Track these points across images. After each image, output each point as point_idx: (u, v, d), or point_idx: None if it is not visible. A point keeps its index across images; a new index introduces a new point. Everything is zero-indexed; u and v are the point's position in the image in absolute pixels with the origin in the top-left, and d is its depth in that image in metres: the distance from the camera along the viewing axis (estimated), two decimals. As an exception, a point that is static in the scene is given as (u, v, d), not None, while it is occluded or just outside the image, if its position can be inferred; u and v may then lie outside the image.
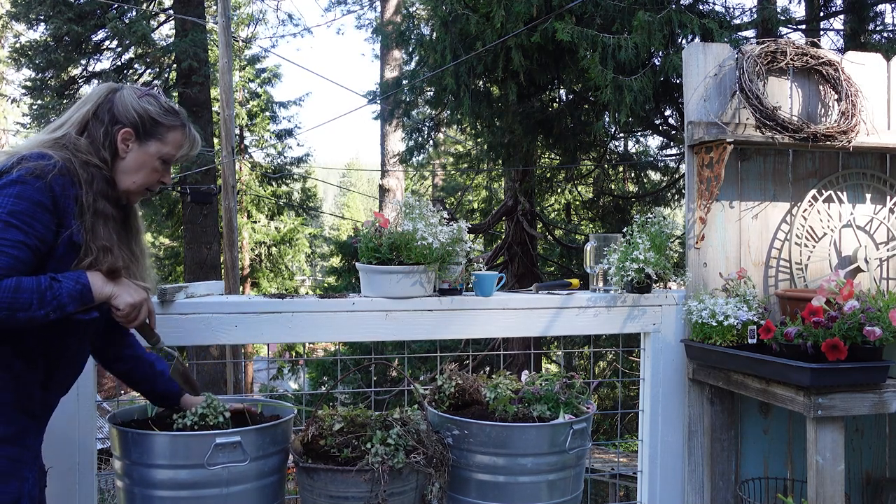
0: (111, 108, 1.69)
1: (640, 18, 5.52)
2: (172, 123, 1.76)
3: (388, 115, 9.70)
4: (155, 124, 1.72)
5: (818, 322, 2.11)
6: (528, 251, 9.28)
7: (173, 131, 1.76)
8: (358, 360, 6.53)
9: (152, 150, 1.73)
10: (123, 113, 1.69)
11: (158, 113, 1.73)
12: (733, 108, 2.65)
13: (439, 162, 15.20)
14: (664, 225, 2.58)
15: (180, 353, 2.01)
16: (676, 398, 2.64)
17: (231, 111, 9.01)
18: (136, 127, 1.70)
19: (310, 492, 1.96)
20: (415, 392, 2.27)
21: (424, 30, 8.47)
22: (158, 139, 1.73)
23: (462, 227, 2.38)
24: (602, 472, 6.93)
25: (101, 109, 1.69)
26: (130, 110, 1.70)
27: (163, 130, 1.74)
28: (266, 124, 18.57)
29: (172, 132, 1.76)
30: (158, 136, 1.73)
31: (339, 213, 38.24)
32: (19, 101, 13.98)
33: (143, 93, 1.74)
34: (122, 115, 1.69)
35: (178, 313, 2.20)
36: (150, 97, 1.74)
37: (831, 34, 8.10)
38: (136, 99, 1.72)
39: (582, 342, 8.56)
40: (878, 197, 2.82)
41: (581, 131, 7.72)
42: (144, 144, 1.72)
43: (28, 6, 11.66)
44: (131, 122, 1.70)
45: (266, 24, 34.68)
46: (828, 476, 2.06)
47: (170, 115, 1.75)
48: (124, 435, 1.89)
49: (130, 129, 1.70)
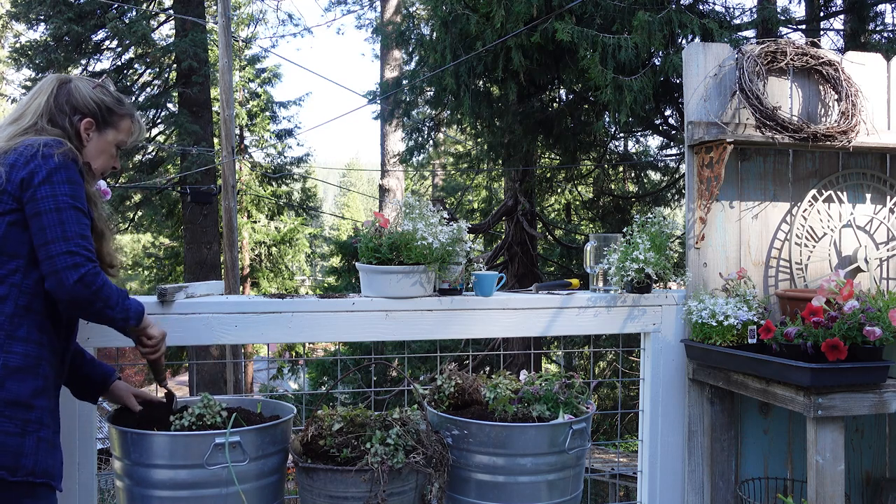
0: (69, 99, 1.78)
1: (640, 18, 5.52)
2: (125, 112, 1.87)
3: (388, 115, 9.70)
4: (110, 113, 1.84)
5: (818, 322, 2.11)
6: (528, 251, 9.28)
7: (125, 119, 1.87)
8: (358, 360, 6.53)
9: (109, 137, 1.85)
10: (83, 103, 1.79)
11: (113, 102, 1.85)
12: (733, 108, 2.65)
13: (439, 162, 15.20)
14: (664, 225, 2.58)
15: (180, 352, 2.05)
16: (676, 398, 2.64)
17: (231, 111, 9.01)
18: (95, 116, 1.81)
19: (309, 492, 1.96)
20: (414, 392, 2.27)
21: (424, 30, 8.48)
22: (114, 127, 1.85)
23: (462, 227, 2.38)
24: (602, 472, 6.92)
25: (58, 100, 1.77)
26: (89, 100, 1.80)
27: (117, 119, 1.85)
28: (266, 124, 18.57)
29: (125, 120, 1.87)
30: (114, 124, 1.85)
31: (339, 213, 38.24)
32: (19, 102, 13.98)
33: (96, 83, 1.85)
34: (81, 106, 1.79)
35: (178, 313, 2.20)
36: (102, 88, 1.85)
37: (831, 34, 8.11)
38: (91, 90, 1.82)
39: (582, 342, 8.56)
40: (878, 197, 2.82)
41: (581, 131, 7.72)
42: (103, 133, 1.84)
43: (28, 6, 11.67)
44: (91, 111, 1.80)
45: (266, 24, 34.74)
46: (828, 476, 2.06)
47: (122, 105, 1.87)
48: (124, 435, 1.89)
49: (91, 118, 1.80)
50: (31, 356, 1.60)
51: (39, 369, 1.62)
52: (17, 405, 1.55)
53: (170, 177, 13.30)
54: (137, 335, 1.87)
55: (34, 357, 1.61)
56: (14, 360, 1.57)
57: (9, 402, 1.54)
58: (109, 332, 2.04)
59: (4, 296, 1.59)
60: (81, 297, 1.61)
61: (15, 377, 1.56)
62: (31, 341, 1.61)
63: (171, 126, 12.53)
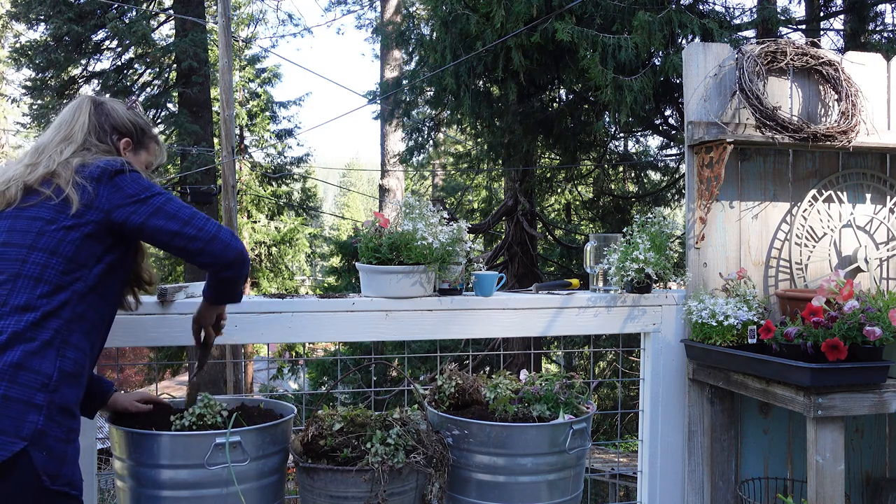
0: (108, 119, 1.81)
1: (640, 18, 5.52)
2: (153, 135, 1.92)
3: (388, 115, 9.70)
4: (143, 134, 1.89)
5: (818, 322, 2.11)
6: (528, 251, 9.28)
7: (153, 142, 1.92)
8: (358, 360, 6.53)
9: (143, 158, 1.89)
10: (121, 123, 1.83)
11: (145, 125, 1.90)
12: (733, 108, 2.65)
13: (439, 162, 15.20)
14: (664, 225, 2.58)
15: (180, 352, 2.08)
16: (676, 398, 2.64)
17: (231, 111, 9.01)
18: (131, 136, 1.85)
19: (310, 492, 1.96)
20: (415, 392, 2.27)
21: (424, 30, 8.48)
22: (146, 149, 1.90)
23: (462, 227, 2.38)
24: (602, 472, 6.92)
25: (99, 119, 1.80)
26: (126, 120, 1.84)
27: (148, 141, 1.90)
28: (266, 124, 18.56)
29: (153, 143, 1.92)
30: (146, 145, 1.90)
31: (339, 213, 38.24)
32: (19, 101, 13.99)
33: (129, 105, 1.89)
34: (120, 125, 1.83)
35: (179, 313, 2.20)
36: (133, 110, 1.88)
37: (831, 34, 8.11)
38: (127, 111, 1.85)
39: (582, 342, 8.56)
40: (878, 197, 2.82)
41: (581, 131, 7.72)
42: (137, 153, 1.88)
43: (28, 6, 11.67)
44: (128, 131, 1.84)
45: (266, 24, 34.74)
46: (828, 476, 2.06)
47: (150, 127, 1.92)
48: (124, 435, 1.89)
49: (129, 138, 1.84)
50: (78, 363, 1.60)
51: (81, 378, 1.62)
52: (66, 412, 1.54)
53: (170, 177, 13.30)
54: (220, 314, 1.96)
55: (80, 365, 1.61)
56: (68, 366, 1.56)
57: (61, 407, 1.53)
58: (110, 332, 2.04)
59: (65, 301, 1.58)
60: (245, 253, 1.72)
61: (67, 382, 1.56)
62: (79, 349, 1.61)
63: (171, 126, 12.53)
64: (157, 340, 2.21)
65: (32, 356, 1.51)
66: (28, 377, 1.49)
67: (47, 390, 1.51)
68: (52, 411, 1.51)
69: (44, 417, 1.48)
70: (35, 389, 1.49)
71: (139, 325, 2.16)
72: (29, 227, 1.61)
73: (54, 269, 1.58)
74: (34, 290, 1.56)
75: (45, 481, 1.47)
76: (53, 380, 1.52)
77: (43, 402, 1.49)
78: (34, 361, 1.51)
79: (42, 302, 1.55)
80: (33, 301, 1.55)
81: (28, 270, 1.57)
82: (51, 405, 1.50)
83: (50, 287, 1.57)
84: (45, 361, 1.52)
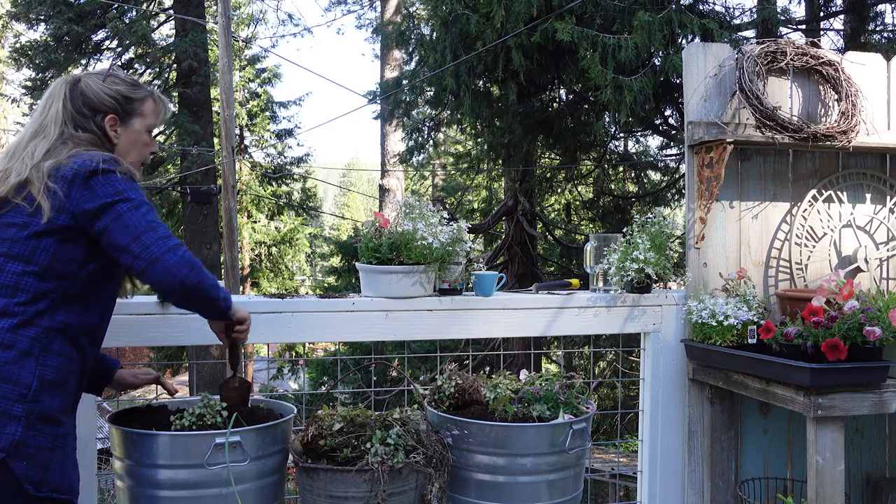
0: (85, 101, 1.71)
1: (640, 18, 5.52)
2: (143, 95, 1.78)
3: (388, 115, 9.70)
4: (129, 102, 1.76)
5: (818, 322, 2.11)
6: (528, 251, 9.27)
7: (147, 101, 1.79)
8: (358, 360, 6.53)
9: (137, 126, 1.77)
10: (99, 101, 1.71)
11: (128, 89, 1.76)
12: (733, 108, 2.65)
13: (439, 162, 15.19)
14: (664, 225, 2.58)
15: (180, 352, 2.05)
16: (676, 398, 2.64)
17: (231, 111, 9.01)
18: (115, 111, 1.73)
19: (309, 492, 1.96)
20: (415, 392, 2.27)
21: (424, 30, 8.47)
22: (139, 115, 1.77)
23: (462, 227, 2.38)
24: (602, 472, 6.92)
25: (75, 104, 1.70)
26: (104, 96, 1.72)
27: (138, 105, 1.77)
28: (266, 124, 18.57)
29: (146, 103, 1.79)
30: (136, 111, 1.77)
31: (339, 213, 38.24)
32: (19, 101, 13.98)
33: (106, 74, 1.76)
34: (98, 104, 1.71)
35: (179, 313, 2.20)
36: (112, 77, 1.76)
37: (831, 34, 8.10)
38: (102, 83, 1.74)
39: (582, 342, 8.56)
40: (878, 197, 2.82)
41: (581, 131, 7.72)
42: (129, 124, 1.76)
43: (28, 6, 11.66)
44: (110, 107, 1.73)
45: (266, 24, 34.69)
46: (828, 476, 2.06)
47: (137, 88, 1.79)
48: (124, 435, 1.89)
49: (112, 114, 1.73)
50: (62, 370, 1.58)
51: (68, 385, 1.60)
52: (48, 420, 1.53)
53: (170, 177, 13.31)
54: (227, 321, 1.85)
55: (65, 372, 1.59)
56: (49, 374, 1.55)
57: (42, 416, 1.52)
58: (109, 332, 2.04)
59: (44, 310, 1.56)
60: (191, 280, 1.59)
61: (49, 391, 1.54)
62: (63, 355, 1.59)
63: (171, 126, 12.52)
64: (157, 340, 2.21)
65: (9, 366, 1.50)
66: (4, 388, 1.48)
67: (25, 400, 1.50)
68: (32, 421, 1.50)
69: (22, 428, 1.48)
70: (12, 401, 1.48)
71: (139, 325, 2.16)
72: (3, 234, 1.58)
73: (31, 277, 1.55)
74: (11, 298, 1.54)
75: (28, 489, 1.47)
76: (32, 389, 1.51)
77: (21, 412, 1.49)
78: (11, 371, 1.50)
79: (19, 310, 1.54)
80: (10, 309, 1.53)
81: (4, 279, 1.55)
82: (30, 415, 1.50)
83: (28, 295, 1.55)
84: (23, 371, 1.51)
